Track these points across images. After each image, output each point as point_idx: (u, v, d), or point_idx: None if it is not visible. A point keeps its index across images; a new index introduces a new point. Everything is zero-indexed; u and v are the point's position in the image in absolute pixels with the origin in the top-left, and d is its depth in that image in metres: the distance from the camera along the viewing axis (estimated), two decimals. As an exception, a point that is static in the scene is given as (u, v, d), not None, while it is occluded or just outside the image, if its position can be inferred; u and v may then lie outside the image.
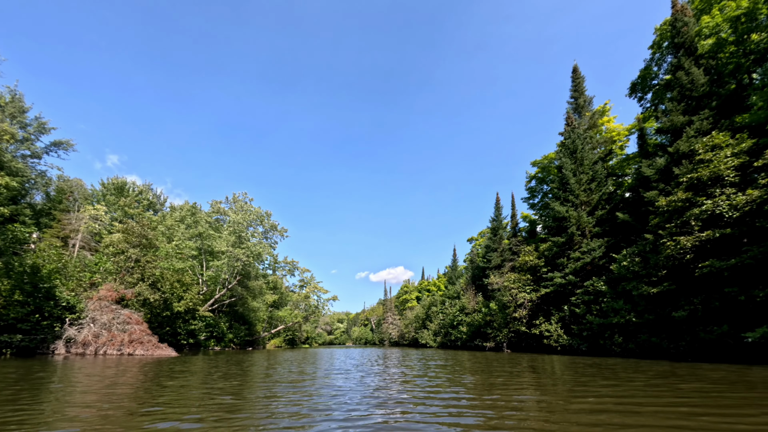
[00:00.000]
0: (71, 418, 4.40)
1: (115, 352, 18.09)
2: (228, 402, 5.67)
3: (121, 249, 25.97)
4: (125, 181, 51.96)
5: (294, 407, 5.21)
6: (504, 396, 6.20)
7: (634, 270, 17.02)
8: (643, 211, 21.15)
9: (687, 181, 15.05)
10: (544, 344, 25.57)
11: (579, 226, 24.38)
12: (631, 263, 17.06)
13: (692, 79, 19.25)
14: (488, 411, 4.92)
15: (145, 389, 6.96)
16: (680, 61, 20.41)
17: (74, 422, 4.19)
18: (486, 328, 35.01)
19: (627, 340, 18.19)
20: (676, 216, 14.94)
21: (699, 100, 18.89)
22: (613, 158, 31.68)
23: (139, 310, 23.58)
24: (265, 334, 51.55)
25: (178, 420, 4.33)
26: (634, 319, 17.40)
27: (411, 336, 67.70)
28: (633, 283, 16.90)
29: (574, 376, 9.23)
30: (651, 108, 27.58)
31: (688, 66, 19.73)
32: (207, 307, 37.18)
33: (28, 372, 9.90)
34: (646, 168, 20.07)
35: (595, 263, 23.18)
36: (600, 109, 33.55)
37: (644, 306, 17.55)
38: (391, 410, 5.04)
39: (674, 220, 15.01)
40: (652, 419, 4.31)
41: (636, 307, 17.90)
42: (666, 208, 15.32)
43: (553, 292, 25.56)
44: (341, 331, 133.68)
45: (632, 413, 4.64)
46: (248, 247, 37.81)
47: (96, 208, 32.74)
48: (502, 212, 42.09)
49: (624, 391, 6.53)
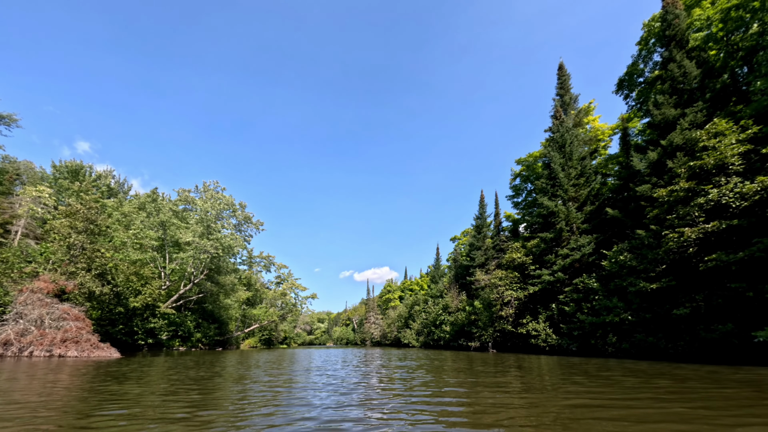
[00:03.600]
0: None
1: (44, 354, 15.19)
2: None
3: (65, 235, 22.65)
4: (81, 164, 47.11)
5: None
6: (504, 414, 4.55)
7: (630, 265, 16.08)
8: (633, 207, 20.47)
9: (687, 171, 14.20)
10: (531, 344, 24.55)
11: (568, 221, 23.53)
12: (627, 258, 16.09)
13: (684, 71, 18.71)
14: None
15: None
16: (671, 54, 19.88)
17: None
18: (470, 328, 33.87)
19: (621, 340, 17.26)
20: (678, 207, 14.04)
21: (692, 92, 18.35)
22: (597, 157, 31.46)
23: (83, 305, 20.50)
24: (239, 333, 48.32)
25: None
26: (630, 318, 16.47)
27: (393, 335, 66.15)
28: (630, 279, 15.94)
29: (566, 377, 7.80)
30: (635, 107, 27.41)
31: (680, 58, 19.19)
32: (170, 304, 33.87)
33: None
34: (638, 162, 19.35)
35: (585, 260, 22.38)
36: (585, 107, 33.28)
37: (639, 303, 16.67)
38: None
39: (676, 211, 14.11)
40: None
41: (630, 305, 17.01)
42: (666, 199, 14.41)
43: (540, 290, 24.61)
44: (322, 331, 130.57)
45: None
46: (218, 239, 34.80)
47: (39, 190, 28.83)
48: (486, 210, 41.35)
49: (624, 394, 5.07)
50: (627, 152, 25.32)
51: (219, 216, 39.92)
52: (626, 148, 25.49)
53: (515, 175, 37.53)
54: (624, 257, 16.42)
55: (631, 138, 27.50)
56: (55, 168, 46.22)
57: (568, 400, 5.35)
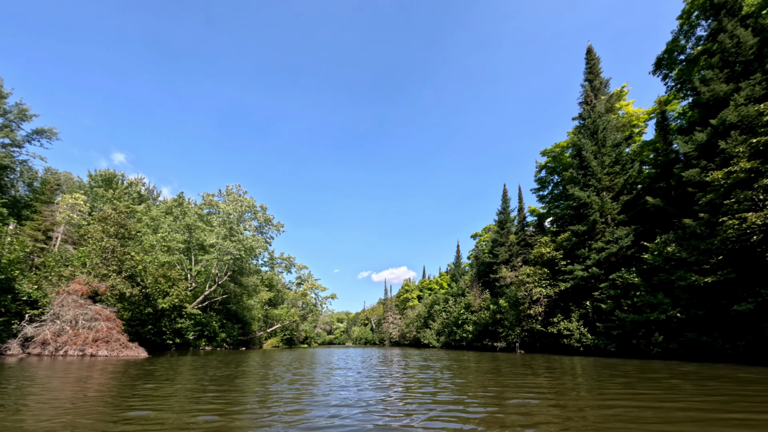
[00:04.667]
0: None
1: (77, 353, 15.64)
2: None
3: (98, 239, 23.53)
4: (114, 172, 49.58)
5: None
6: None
7: (679, 257, 14.61)
8: (677, 194, 18.82)
9: (748, 149, 12.67)
10: (562, 344, 23.17)
11: (602, 212, 21.99)
12: (675, 250, 14.63)
13: (738, 41, 16.91)
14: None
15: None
16: (721, 24, 18.08)
17: None
18: (495, 327, 32.57)
19: (668, 339, 15.78)
20: (737, 191, 12.56)
21: (747, 64, 16.54)
22: (631, 144, 29.39)
23: (114, 306, 21.16)
24: (261, 333, 49.09)
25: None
26: (678, 315, 15.00)
27: (412, 336, 65.24)
28: (678, 272, 14.49)
29: (622, 380, 6.85)
30: (674, 89, 25.37)
31: (732, 28, 17.39)
32: (196, 305, 34.71)
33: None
34: (683, 144, 17.68)
35: (622, 253, 20.81)
36: (617, 92, 31.20)
37: (689, 299, 15.17)
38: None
39: (735, 195, 12.63)
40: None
41: (679, 300, 15.51)
42: (723, 182, 12.94)
43: (572, 287, 23.18)
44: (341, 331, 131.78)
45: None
46: (239, 240, 35.33)
47: (74, 197, 30.22)
48: (509, 204, 39.79)
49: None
50: (665, 137, 23.49)
51: (241, 218, 40.64)
52: (664, 133, 23.63)
53: (540, 167, 35.85)
54: (672, 249, 14.96)
55: (669, 122, 25.56)
56: (91, 177, 48.85)
57: (628, 402, 4.54)
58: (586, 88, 26.42)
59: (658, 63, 24.29)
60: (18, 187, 37.91)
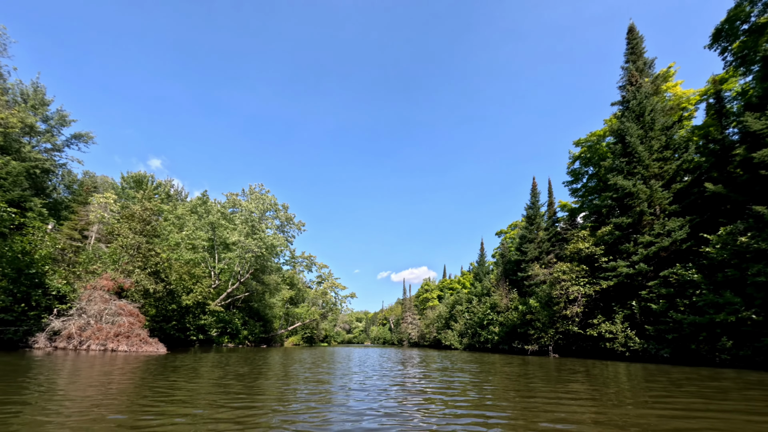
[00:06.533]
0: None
1: (99, 347, 15.60)
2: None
3: (125, 236, 23.95)
4: (144, 174, 51.60)
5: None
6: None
7: (756, 249, 12.49)
8: (744, 180, 16.40)
9: None
10: (603, 348, 21.05)
11: (651, 202, 19.73)
12: (753, 241, 12.51)
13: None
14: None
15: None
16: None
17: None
18: (525, 329, 30.50)
19: (739, 345, 13.62)
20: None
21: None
22: (679, 129, 26.54)
23: (139, 302, 21.33)
24: (282, 331, 49.26)
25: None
26: (754, 317, 12.85)
27: (432, 336, 63.32)
28: (757, 266, 12.37)
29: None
30: (733, 65, 22.45)
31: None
32: (219, 302, 35.01)
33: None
34: (754, 121, 15.33)
35: (675, 247, 18.51)
36: (663, 72, 28.35)
37: (765, 298, 12.98)
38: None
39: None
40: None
41: (753, 300, 13.33)
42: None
43: (615, 285, 21.01)
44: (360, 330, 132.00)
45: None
46: (261, 238, 35.31)
47: (105, 197, 31.22)
48: (539, 199, 37.40)
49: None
50: (720, 119, 20.94)
51: (263, 216, 40.78)
52: (719, 115, 21.07)
53: (574, 157, 33.41)
54: (746, 240, 12.84)
55: (726, 102, 22.82)
56: (123, 179, 51.17)
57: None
58: (629, 68, 24.05)
59: (716, 34, 21.49)
60: (59, 190, 40.06)
